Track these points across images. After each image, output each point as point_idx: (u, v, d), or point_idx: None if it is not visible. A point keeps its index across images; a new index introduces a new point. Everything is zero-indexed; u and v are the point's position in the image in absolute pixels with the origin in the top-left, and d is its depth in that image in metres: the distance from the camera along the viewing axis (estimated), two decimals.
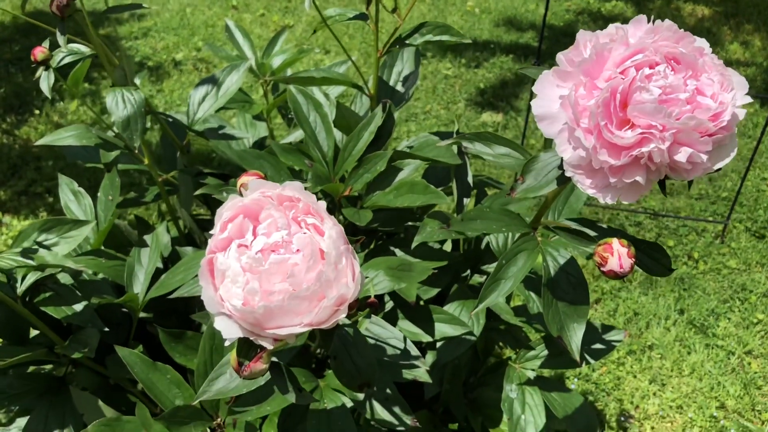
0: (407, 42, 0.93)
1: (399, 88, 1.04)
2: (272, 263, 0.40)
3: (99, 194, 0.90)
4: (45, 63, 0.74)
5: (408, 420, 0.68)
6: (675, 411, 1.58)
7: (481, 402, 0.92)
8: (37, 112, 2.57)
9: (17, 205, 2.12)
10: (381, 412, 0.70)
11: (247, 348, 0.46)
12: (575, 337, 0.65)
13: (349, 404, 0.72)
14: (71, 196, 0.92)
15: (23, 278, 0.77)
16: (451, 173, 1.05)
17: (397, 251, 0.90)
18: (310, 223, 0.42)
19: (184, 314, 0.91)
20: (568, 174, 0.52)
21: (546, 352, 0.86)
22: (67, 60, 0.83)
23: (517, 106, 2.74)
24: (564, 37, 3.24)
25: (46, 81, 0.75)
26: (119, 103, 0.78)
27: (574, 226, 0.68)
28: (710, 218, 2.12)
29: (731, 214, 2.06)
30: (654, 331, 1.75)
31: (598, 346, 0.86)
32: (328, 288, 0.40)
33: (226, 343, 0.43)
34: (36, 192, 2.17)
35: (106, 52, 0.83)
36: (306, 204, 0.42)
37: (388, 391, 0.72)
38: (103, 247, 0.90)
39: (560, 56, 0.53)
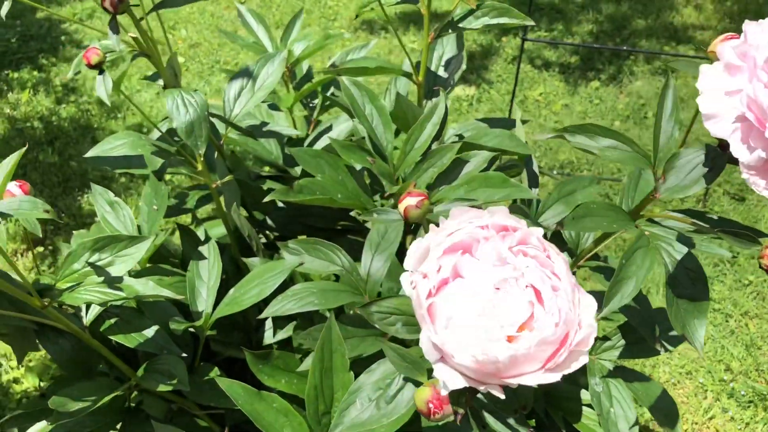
0: (461, 26, 0.88)
1: (441, 73, 0.99)
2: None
3: (141, 204, 0.83)
4: (99, 66, 0.67)
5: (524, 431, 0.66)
6: (685, 377, 1.61)
7: (557, 395, 0.90)
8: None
9: None
10: (494, 425, 0.67)
11: (458, 395, 0.42)
12: (698, 334, 0.64)
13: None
14: (107, 207, 0.84)
15: (87, 307, 0.70)
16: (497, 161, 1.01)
17: None
18: (533, 255, 0.38)
19: (245, 329, 0.86)
20: (744, 176, 0.49)
21: (623, 341, 0.85)
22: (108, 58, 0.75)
23: (488, 78, 2.72)
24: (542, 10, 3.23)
25: (102, 86, 0.68)
26: (180, 108, 0.71)
27: (678, 218, 0.66)
28: None
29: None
30: (653, 299, 1.78)
31: (673, 333, 0.86)
32: (570, 328, 0.37)
33: (443, 392, 0.39)
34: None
35: (156, 50, 0.76)
36: (524, 233, 0.38)
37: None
38: (148, 264, 0.83)
39: (725, 48, 0.50)
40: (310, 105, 1.15)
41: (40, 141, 2.22)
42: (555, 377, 0.36)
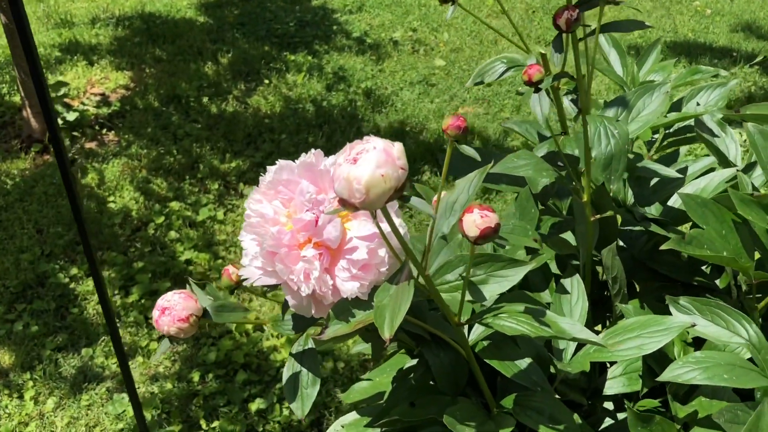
0: None
1: None
2: None
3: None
4: (537, 84, 0.64)
5: None
6: None
7: None
8: (266, 81, 2.57)
9: (255, 176, 2.11)
10: None
11: None
12: None
13: None
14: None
15: (471, 326, 0.68)
16: None
17: None
18: None
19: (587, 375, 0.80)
20: None
21: None
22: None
23: None
24: None
25: (538, 105, 0.65)
26: (602, 138, 0.67)
27: None
28: None
29: None
30: None
31: None
32: None
33: None
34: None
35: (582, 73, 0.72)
36: None
37: None
38: None
39: None
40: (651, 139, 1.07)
41: (311, 123, 2.34)
42: None
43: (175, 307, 0.58)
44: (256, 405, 1.50)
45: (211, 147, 2.22)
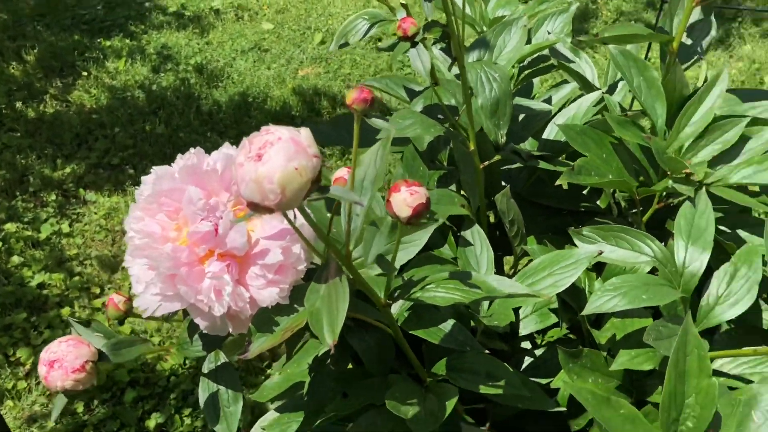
0: None
1: (685, 40, 0.91)
2: None
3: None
4: (413, 38, 0.60)
5: None
6: None
7: None
8: (84, 74, 2.35)
9: (96, 179, 1.93)
10: None
11: None
12: None
13: None
14: None
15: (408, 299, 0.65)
16: None
17: None
18: None
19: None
20: None
21: None
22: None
23: None
24: None
25: (418, 59, 0.61)
26: (484, 84, 0.64)
27: None
28: None
29: None
30: None
31: None
32: None
33: None
34: (113, 164, 1.98)
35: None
36: None
37: None
38: None
39: None
40: None
41: (144, 111, 2.17)
42: None
43: (65, 358, 0.50)
44: (153, 421, 1.40)
45: (38, 155, 2.01)
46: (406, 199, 0.44)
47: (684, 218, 0.69)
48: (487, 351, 0.73)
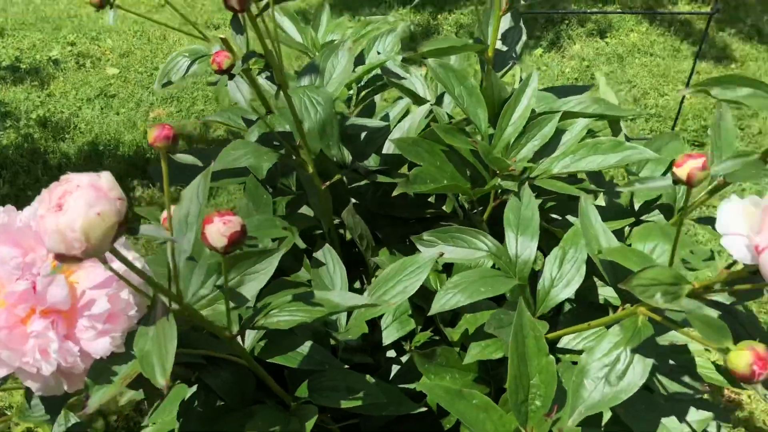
0: None
1: (499, 46, 0.98)
2: None
3: None
4: (229, 70, 0.61)
5: None
6: None
7: None
8: None
9: None
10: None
11: None
12: None
13: None
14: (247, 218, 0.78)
15: (243, 333, 0.64)
16: None
17: None
18: None
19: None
20: None
21: None
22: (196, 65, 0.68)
23: None
24: None
25: (238, 91, 0.61)
26: (309, 108, 0.65)
27: None
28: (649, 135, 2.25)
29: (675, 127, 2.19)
30: None
31: None
32: None
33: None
34: None
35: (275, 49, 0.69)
36: None
37: None
38: None
39: None
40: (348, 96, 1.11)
41: None
42: None
43: None
44: None
45: None
46: (219, 229, 0.44)
47: (512, 211, 0.74)
48: (347, 366, 0.75)
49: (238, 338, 0.65)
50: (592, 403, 0.56)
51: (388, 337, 0.82)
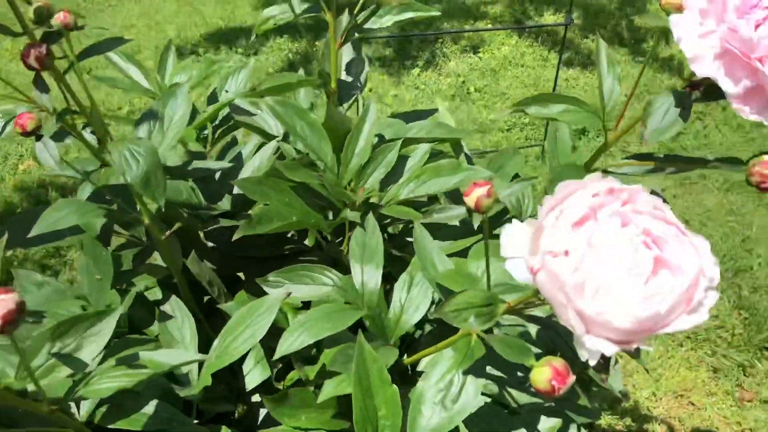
0: (367, 27, 0.88)
1: (344, 77, 0.99)
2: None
3: (78, 277, 0.74)
4: (36, 132, 0.58)
5: None
6: None
7: None
8: None
9: None
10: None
11: (605, 362, 0.43)
12: None
13: None
14: (37, 291, 0.74)
15: (76, 402, 0.61)
16: None
17: None
18: (645, 210, 0.39)
19: (226, 379, 0.79)
20: (733, 106, 0.55)
21: None
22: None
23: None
24: None
25: (46, 152, 0.59)
26: (130, 162, 0.63)
27: (638, 163, 0.72)
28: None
29: (546, 134, 2.28)
30: None
31: None
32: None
33: (592, 362, 0.40)
34: None
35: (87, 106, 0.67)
36: (630, 191, 0.40)
37: None
38: None
39: None
40: (202, 136, 1.09)
41: None
42: (701, 317, 0.38)
43: None
44: None
45: None
46: None
47: (356, 242, 0.75)
48: (210, 417, 0.72)
49: (73, 407, 0.62)
50: (431, 429, 0.56)
51: (251, 382, 0.81)
